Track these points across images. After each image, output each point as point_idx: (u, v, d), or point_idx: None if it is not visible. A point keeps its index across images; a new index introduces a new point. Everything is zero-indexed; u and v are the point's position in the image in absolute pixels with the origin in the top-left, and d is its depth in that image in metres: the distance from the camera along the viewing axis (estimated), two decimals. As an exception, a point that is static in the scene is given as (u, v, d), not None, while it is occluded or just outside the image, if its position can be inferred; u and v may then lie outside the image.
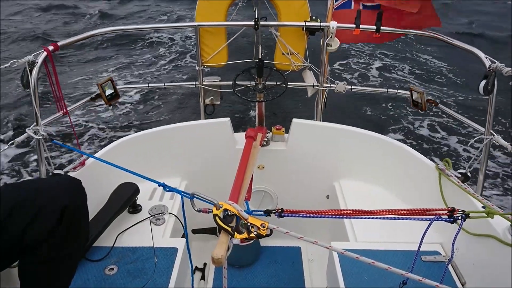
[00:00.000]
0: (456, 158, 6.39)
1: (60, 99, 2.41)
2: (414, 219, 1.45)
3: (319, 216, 1.47)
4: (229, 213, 1.37)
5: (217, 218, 1.37)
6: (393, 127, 7.47)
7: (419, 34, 3.01)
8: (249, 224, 1.36)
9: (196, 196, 1.50)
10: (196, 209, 1.49)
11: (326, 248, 1.32)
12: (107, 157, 2.45)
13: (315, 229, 2.51)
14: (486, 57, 2.28)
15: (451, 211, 1.42)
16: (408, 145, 2.74)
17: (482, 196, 2.07)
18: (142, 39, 12.75)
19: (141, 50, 12.05)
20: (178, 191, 1.65)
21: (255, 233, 1.35)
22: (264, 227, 1.34)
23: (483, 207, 1.77)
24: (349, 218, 1.51)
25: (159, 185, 1.75)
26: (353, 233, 2.38)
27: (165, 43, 12.49)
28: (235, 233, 1.35)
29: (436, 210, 1.45)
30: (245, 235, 1.36)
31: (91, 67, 10.71)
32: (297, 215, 1.45)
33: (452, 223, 1.44)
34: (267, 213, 1.47)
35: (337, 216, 1.48)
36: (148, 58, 11.39)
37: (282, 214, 1.45)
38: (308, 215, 1.46)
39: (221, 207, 1.38)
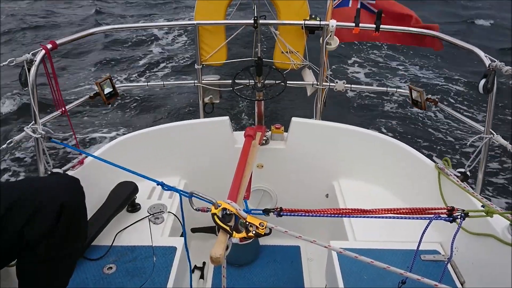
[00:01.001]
0: (455, 157, 6.39)
1: (59, 97, 2.41)
2: (413, 218, 1.44)
3: (318, 215, 1.46)
4: (228, 212, 1.37)
5: (215, 217, 1.37)
6: (392, 125, 7.47)
7: (419, 33, 3.01)
8: (247, 223, 1.36)
9: (195, 195, 1.50)
10: (194, 208, 1.49)
11: (325, 247, 1.31)
12: (106, 156, 2.45)
13: (314, 228, 2.51)
14: (486, 56, 2.28)
15: (450, 210, 1.43)
16: (407, 144, 2.73)
17: (481, 195, 2.06)
18: (141, 37, 12.71)
19: (140, 48, 12.03)
20: (177, 190, 1.65)
21: (254, 232, 1.34)
22: (262, 226, 1.34)
23: (482, 206, 1.76)
24: (348, 217, 1.51)
25: (158, 184, 1.75)
26: (352, 232, 2.38)
27: (164, 41, 12.47)
28: (234, 232, 1.35)
29: (435, 209, 1.44)
30: (243, 234, 1.35)
31: (90, 65, 10.70)
32: (296, 214, 1.45)
33: (451, 222, 1.44)
34: (266, 212, 1.47)
35: (336, 215, 1.48)
36: (147, 56, 11.38)
37: (281, 213, 1.45)
38: (307, 214, 1.46)
39: (219, 206, 1.38)
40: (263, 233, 1.34)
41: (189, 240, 2.37)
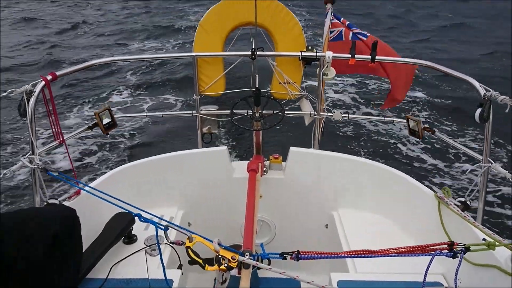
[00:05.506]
0: (455, 186, 6.37)
1: (57, 128, 2.41)
2: (416, 255, 1.47)
3: (333, 256, 1.50)
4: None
5: (189, 250, 1.44)
6: (390, 155, 7.48)
7: (414, 63, 3.05)
8: (220, 256, 1.41)
9: (170, 227, 1.58)
10: (169, 241, 1.54)
11: (322, 287, 1.32)
12: (103, 186, 2.43)
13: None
14: (480, 86, 2.30)
15: (451, 245, 1.43)
16: (405, 173, 2.72)
17: (482, 225, 2.04)
18: (140, 67, 12.87)
19: (139, 78, 12.18)
20: (153, 222, 1.65)
21: (226, 265, 1.40)
22: (234, 259, 1.39)
23: (483, 239, 1.74)
24: (356, 257, 1.52)
25: (134, 215, 1.75)
26: (352, 263, 2.34)
27: (163, 72, 12.61)
28: (206, 265, 1.42)
29: (436, 245, 1.47)
30: (216, 267, 1.41)
31: (89, 95, 10.82)
32: (314, 256, 1.47)
33: (453, 257, 1.44)
34: (282, 256, 1.47)
35: (348, 256, 1.55)
36: (145, 86, 11.53)
37: (300, 256, 1.46)
38: (325, 256, 1.49)
39: (193, 240, 1.47)
40: (235, 266, 1.39)
41: (186, 273, 2.32)
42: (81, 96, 10.67)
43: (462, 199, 2.32)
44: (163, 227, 1.57)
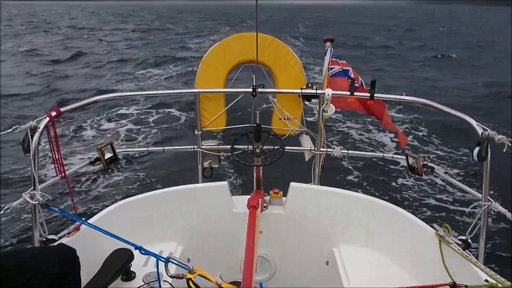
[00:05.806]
0: (455, 224, 6.31)
1: (60, 163, 2.43)
2: None
3: None
4: None
5: (190, 282, 1.44)
6: (390, 191, 7.46)
7: (412, 102, 3.10)
8: None
9: (171, 260, 1.54)
10: (169, 274, 1.52)
11: None
12: (103, 222, 2.42)
13: None
14: (478, 125, 2.33)
15: (453, 286, 1.43)
16: (406, 210, 2.72)
17: (484, 264, 2.02)
18: (142, 101, 13.04)
19: (141, 113, 12.32)
20: (154, 255, 1.64)
21: None
22: None
23: (486, 280, 1.73)
24: None
25: (135, 248, 1.74)
26: None
27: (164, 106, 12.77)
28: None
29: (438, 285, 1.46)
30: None
31: (100, 111, 11.08)
32: None
33: None
34: None
35: None
36: (152, 103, 11.69)
37: None
38: None
39: (195, 272, 1.47)
40: None
41: None
42: (93, 112, 11.10)
43: (463, 238, 2.31)
44: (164, 259, 1.56)
